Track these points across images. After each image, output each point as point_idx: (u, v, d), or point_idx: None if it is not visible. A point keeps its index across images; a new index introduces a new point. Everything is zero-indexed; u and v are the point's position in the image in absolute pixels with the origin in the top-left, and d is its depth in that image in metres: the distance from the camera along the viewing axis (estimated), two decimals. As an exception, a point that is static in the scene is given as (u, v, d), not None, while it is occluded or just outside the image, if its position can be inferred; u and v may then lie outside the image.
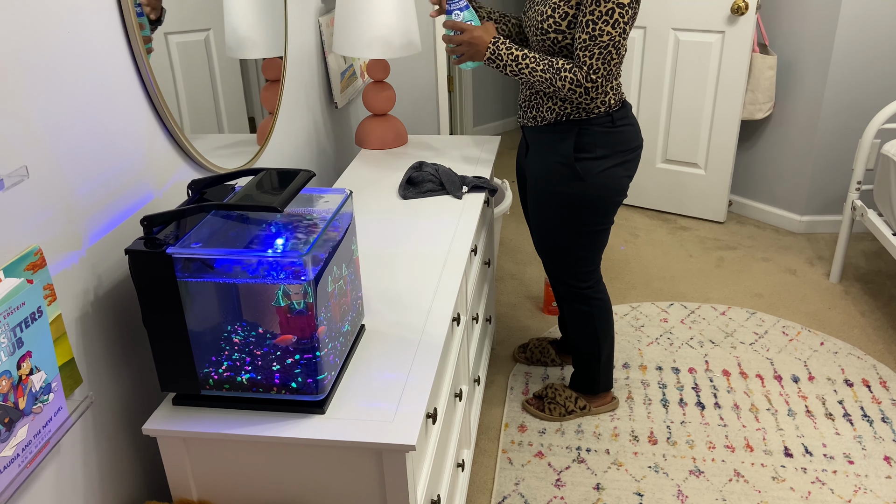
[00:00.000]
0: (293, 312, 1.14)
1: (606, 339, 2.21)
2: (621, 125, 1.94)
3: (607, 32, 1.73)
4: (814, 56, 3.24)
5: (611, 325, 2.21)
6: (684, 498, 2.01)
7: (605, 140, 1.92)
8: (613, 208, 2.02)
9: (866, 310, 2.86)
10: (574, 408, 2.30)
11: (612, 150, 1.94)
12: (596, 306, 2.16)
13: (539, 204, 2.04)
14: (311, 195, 1.33)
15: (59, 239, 1.11)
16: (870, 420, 2.28)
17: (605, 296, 2.18)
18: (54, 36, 1.08)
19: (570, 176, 1.94)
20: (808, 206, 3.48)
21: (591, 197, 1.96)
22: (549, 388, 2.34)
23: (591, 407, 2.31)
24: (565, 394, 2.31)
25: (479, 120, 4.94)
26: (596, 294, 2.15)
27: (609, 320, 2.20)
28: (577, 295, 2.15)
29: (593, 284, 2.14)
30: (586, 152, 1.92)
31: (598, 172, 1.93)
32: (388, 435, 1.16)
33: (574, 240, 2.04)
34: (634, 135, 1.98)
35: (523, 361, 2.59)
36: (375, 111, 2.39)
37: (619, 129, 1.94)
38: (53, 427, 1.04)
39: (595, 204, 1.97)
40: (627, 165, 1.98)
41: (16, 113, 1.01)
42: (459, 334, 1.78)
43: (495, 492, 2.05)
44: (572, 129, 1.92)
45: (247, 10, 1.73)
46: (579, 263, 2.09)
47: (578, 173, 1.92)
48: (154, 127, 1.36)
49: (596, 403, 2.32)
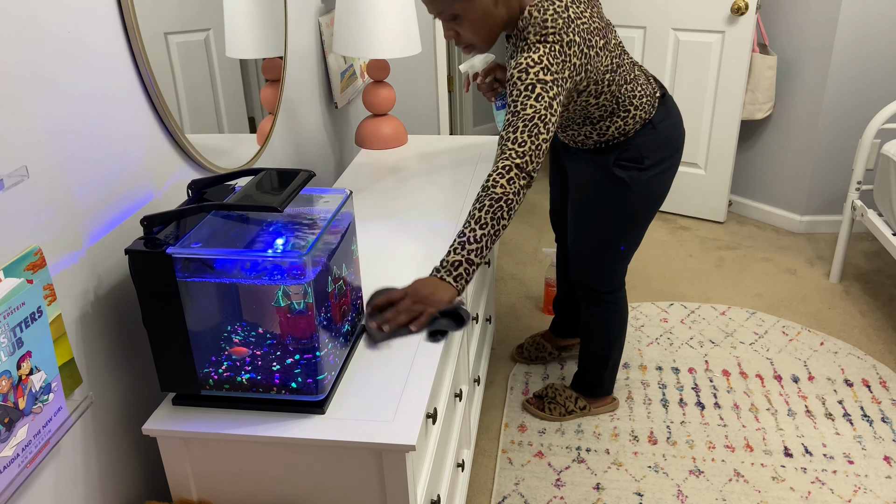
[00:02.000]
0: (293, 312, 1.14)
1: (617, 345, 2.20)
2: (664, 126, 1.89)
3: (530, 106, 1.52)
4: (814, 56, 3.24)
5: (624, 332, 2.20)
6: (684, 498, 2.01)
7: (651, 148, 1.88)
8: (654, 214, 2.00)
9: (866, 310, 2.86)
10: (574, 408, 2.29)
11: (659, 156, 1.90)
12: (613, 311, 2.14)
13: (579, 210, 2.00)
14: (311, 195, 1.33)
15: (59, 239, 1.11)
16: (870, 420, 2.28)
17: (624, 303, 2.16)
18: (54, 36, 1.08)
19: (612, 183, 1.90)
20: (808, 206, 3.48)
21: (636, 206, 1.93)
22: (550, 387, 2.34)
23: (591, 407, 2.31)
24: (565, 394, 2.31)
25: (479, 120, 4.94)
26: (616, 300, 2.13)
27: (623, 327, 2.18)
28: (598, 299, 2.13)
29: (616, 290, 2.12)
30: (633, 162, 1.88)
31: (645, 181, 1.90)
32: (388, 435, 1.16)
33: (610, 247, 2.01)
34: (677, 131, 1.94)
35: (523, 361, 2.60)
36: (375, 111, 2.39)
37: (662, 131, 1.89)
38: (53, 427, 1.04)
39: (638, 212, 1.95)
40: (673, 168, 1.95)
41: (16, 113, 1.01)
42: (459, 334, 1.78)
43: (495, 492, 2.05)
44: (614, 149, 1.88)
45: (247, 10, 1.73)
46: (609, 269, 2.07)
47: (625, 181, 1.89)
48: (154, 127, 1.36)
49: (596, 405, 2.32)
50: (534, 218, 3.77)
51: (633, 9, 3.47)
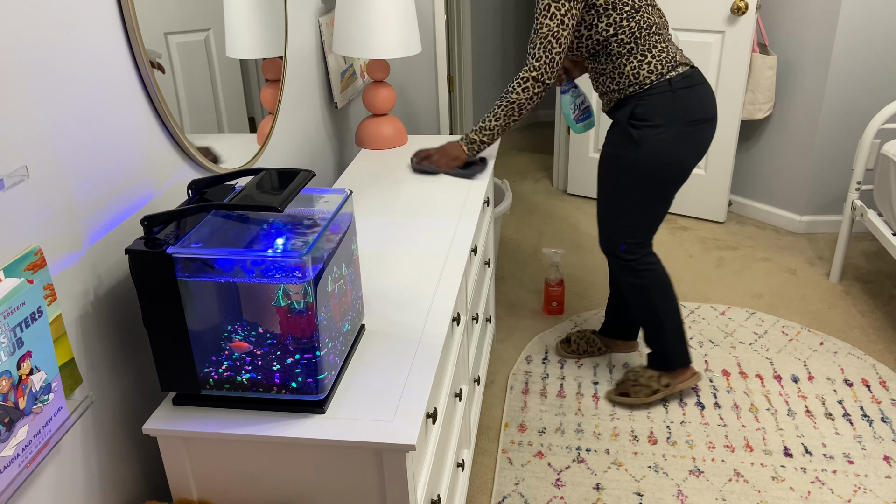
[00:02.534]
0: (293, 312, 1.14)
1: (666, 309, 2.21)
2: (683, 93, 1.99)
3: (545, 25, 1.92)
4: (814, 56, 3.24)
5: (670, 296, 2.22)
6: (684, 498, 2.01)
7: (665, 108, 1.98)
8: (669, 182, 2.06)
9: (866, 310, 2.86)
10: (658, 386, 2.32)
11: (672, 119, 1.99)
12: (647, 277, 2.18)
13: (599, 168, 2.15)
14: (311, 195, 1.33)
15: (59, 239, 1.11)
16: (869, 420, 2.28)
17: (656, 266, 2.20)
18: (54, 36, 1.08)
19: (626, 140, 2.03)
20: (808, 206, 3.48)
21: (645, 164, 2.02)
22: (630, 372, 2.38)
23: (674, 384, 2.33)
24: (647, 374, 2.34)
25: (479, 120, 4.94)
26: (644, 265, 2.18)
27: (666, 290, 2.21)
28: (624, 267, 2.19)
29: (642, 256, 2.17)
30: (645, 120, 1.99)
31: (655, 141, 1.99)
32: (388, 435, 1.16)
33: (624, 207, 2.10)
34: (699, 105, 2.01)
35: (571, 356, 2.61)
36: (375, 111, 2.38)
37: (681, 97, 1.98)
38: (53, 427, 1.04)
39: (648, 173, 2.03)
40: (688, 139, 2.01)
41: (16, 113, 1.01)
42: (459, 334, 1.78)
43: (495, 492, 2.05)
44: (631, 101, 2.01)
45: (247, 10, 1.73)
46: (627, 233, 2.14)
47: (633, 139, 2.00)
48: (154, 127, 1.36)
49: (678, 379, 2.33)
50: (534, 218, 3.77)
51: (633, 9, 3.47)
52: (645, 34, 1.98)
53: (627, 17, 1.96)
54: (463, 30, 4.53)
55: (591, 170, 3.89)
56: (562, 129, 4.00)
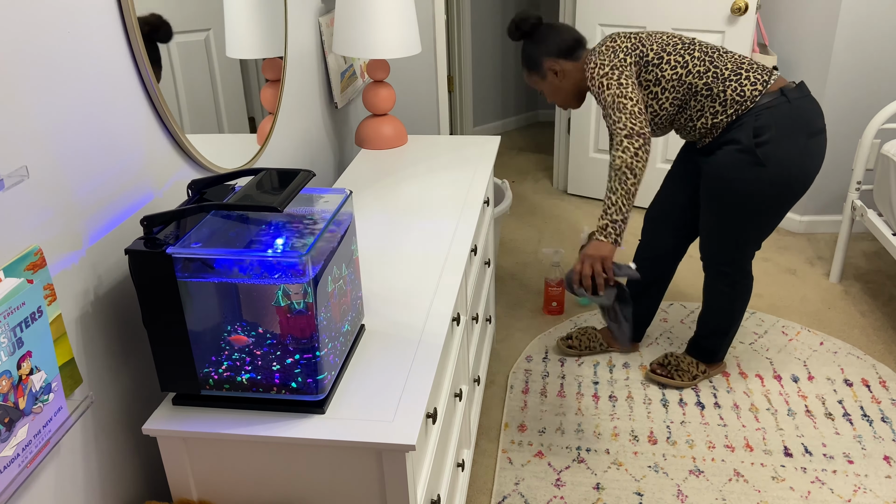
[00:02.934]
0: (293, 312, 1.14)
1: (737, 319, 2.30)
2: (799, 102, 1.94)
3: (609, 94, 1.94)
4: (814, 56, 3.24)
5: (745, 308, 2.28)
6: (684, 497, 2.01)
7: (784, 119, 1.93)
8: (795, 197, 2.02)
9: (866, 310, 2.86)
10: (697, 372, 2.39)
11: (794, 131, 1.93)
12: (739, 290, 2.22)
13: (714, 193, 2.07)
14: (311, 195, 1.33)
15: (59, 239, 1.11)
16: (869, 420, 2.28)
17: (749, 281, 2.23)
18: (54, 36, 1.08)
19: (749, 162, 1.96)
20: (808, 206, 3.48)
21: (773, 184, 1.97)
22: (671, 356, 2.43)
23: (709, 371, 2.41)
24: (687, 360, 2.40)
25: (479, 120, 4.94)
26: (742, 278, 2.20)
27: (747, 301, 2.26)
28: (725, 276, 2.21)
29: (741, 268, 2.19)
30: (765, 135, 1.93)
31: (781, 157, 1.93)
32: (388, 435, 1.16)
33: (746, 228, 2.08)
34: (814, 114, 1.97)
35: (571, 352, 2.61)
36: (375, 111, 2.39)
37: (796, 105, 1.93)
38: (53, 427, 1.05)
39: (777, 192, 1.99)
40: (812, 149, 1.96)
41: (16, 113, 1.01)
42: (459, 334, 1.78)
43: (495, 492, 2.05)
44: (746, 120, 1.95)
45: (247, 10, 1.73)
46: (741, 250, 2.14)
47: (758, 158, 1.94)
48: (154, 127, 1.36)
49: (712, 368, 2.42)
50: (534, 218, 3.77)
51: (633, 9, 3.47)
52: (717, 55, 1.98)
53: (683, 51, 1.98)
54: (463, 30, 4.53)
55: (591, 170, 3.89)
56: (562, 129, 4.00)
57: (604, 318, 2.06)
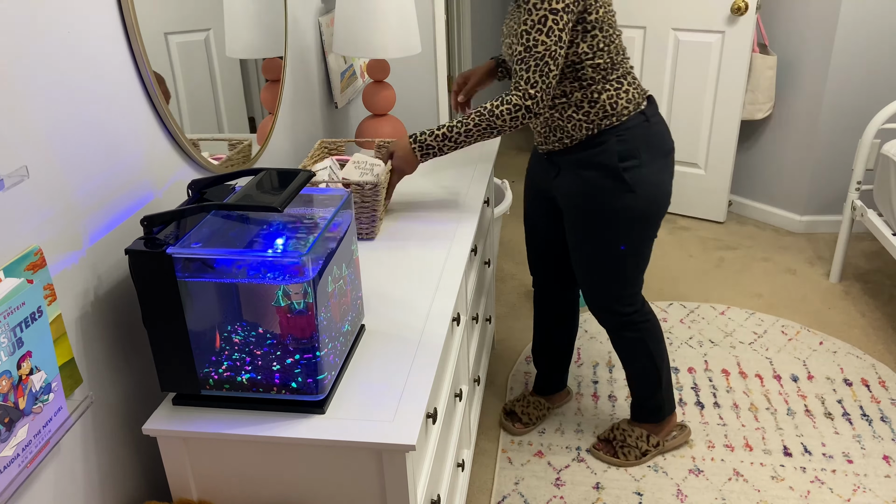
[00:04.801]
0: (293, 312, 1.14)
1: (663, 361, 2.06)
2: (656, 122, 1.82)
3: (541, 42, 1.62)
4: (814, 56, 3.24)
5: (663, 346, 2.06)
6: (684, 497, 2.01)
7: (646, 142, 1.78)
8: (661, 219, 1.88)
9: (866, 310, 2.86)
10: (648, 447, 2.13)
11: (655, 153, 1.80)
12: (645, 329, 2.00)
13: (579, 226, 1.88)
14: (311, 195, 1.33)
15: (59, 239, 1.11)
16: (869, 419, 2.28)
17: (652, 317, 2.02)
18: (55, 36, 1.08)
19: (617, 189, 1.79)
20: (808, 206, 3.48)
21: (644, 208, 1.81)
22: (616, 429, 2.17)
23: (663, 442, 2.15)
24: (635, 433, 2.14)
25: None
26: (643, 317, 2.00)
27: (661, 341, 2.05)
28: (624, 323, 1.99)
29: (639, 307, 1.99)
30: (631, 159, 1.77)
31: (648, 179, 1.79)
32: (388, 435, 1.16)
33: (622, 260, 1.88)
34: (667, 131, 1.85)
35: (525, 431, 2.29)
36: (375, 111, 2.38)
37: (655, 127, 1.81)
38: (53, 427, 1.05)
39: (647, 216, 1.83)
40: (669, 170, 1.85)
41: (16, 113, 1.01)
42: (459, 334, 1.78)
43: (495, 491, 2.05)
44: (609, 138, 1.77)
45: (247, 10, 1.73)
46: (626, 285, 1.93)
47: (628, 184, 1.77)
48: (154, 127, 1.36)
49: (664, 432, 2.16)
50: (534, 218, 3.77)
51: (633, 9, 3.47)
52: (620, 59, 1.76)
53: (608, 40, 1.72)
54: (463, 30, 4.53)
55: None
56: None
57: None
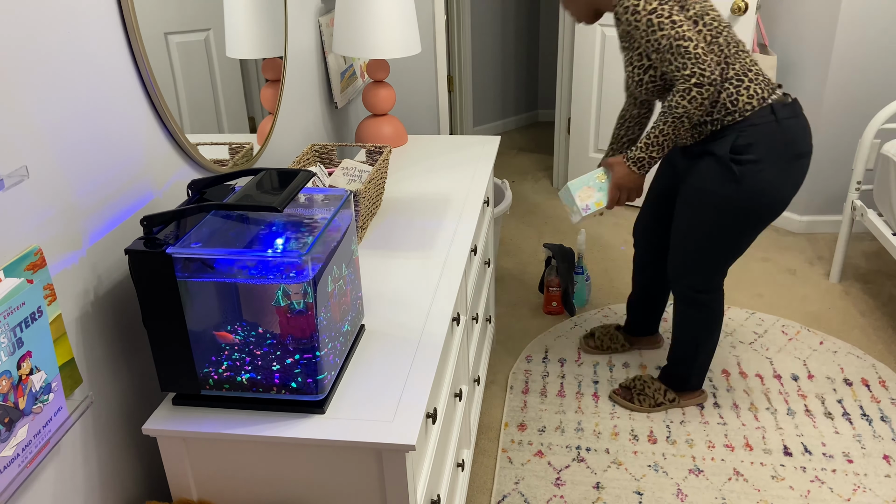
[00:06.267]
0: (293, 312, 1.14)
1: (709, 345, 2.19)
2: (789, 124, 1.85)
3: (663, 37, 1.77)
4: (814, 56, 3.24)
5: (716, 335, 2.18)
6: (684, 497, 2.01)
7: (769, 141, 1.84)
8: (767, 220, 1.94)
9: (866, 310, 2.86)
10: (663, 400, 2.30)
11: (776, 154, 1.85)
12: (708, 314, 2.13)
13: (686, 202, 2.01)
14: (312, 195, 1.33)
15: (59, 239, 1.12)
16: (869, 419, 2.28)
17: (719, 306, 2.13)
18: (55, 36, 1.08)
19: (724, 176, 1.89)
20: (808, 206, 3.48)
21: (745, 203, 1.89)
22: (638, 379, 2.34)
23: (680, 400, 2.30)
24: (654, 385, 2.31)
25: (479, 120, 4.94)
26: (711, 302, 2.11)
27: (717, 329, 2.17)
28: (694, 300, 2.11)
29: (713, 291, 2.10)
30: (746, 153, 1.85)
31: (758, 178, 1.86)
32: (388, 435, 1.16)
33: (712, 243, 1.99)
34: (801, 136, 1.88)
35: (593, 351, 2.60)
36: (375, 111, 2.39)
37: (787, 128, 1.85)
38: (53, 427, 1.05)
39: (748, 211, 1.91)
40: (792, 174, 1.88)
41: (16, 113, 1.01)
42: (459, 334, 1.78)
43: (495, 491, 2.05)
44: (730, 132, 1.87)
45: (247, 10, 1.73)
46: (711, 269, 2.04)
47: (734, 174, 1.87)
48: (154, 127, 1.36)
49: (686, 397, 2.32)
50: (534, 218, 3.77)
51: (633, 8, 3.47)
52: (734, 52, 1.85)
53: (716, 32, 1.83)
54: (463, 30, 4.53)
55: (591, 170, 3.89)
56: (562, 129, 4.00)
57: None
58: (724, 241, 1.99)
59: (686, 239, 2.04)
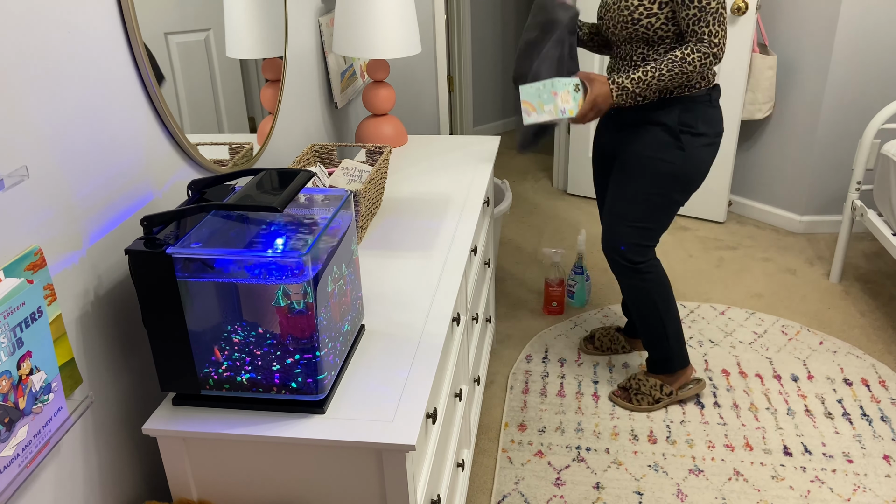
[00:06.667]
0: (293, 312, 1.14)
1: (669, 313, 2.23)
2: (716, 105, 2.05)
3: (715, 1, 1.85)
4: (814, 56, 3.24)
5: (671, 300, 2.24)
6: (684, 497, 2.01)
7: (705, 118, 2.02)
8: (694, 188, 2.10)
9: (866, 310, 2.86)
10: (661, 395, 2.33)
11: (708, 130, 2.03)
12: (651, 280, 2.19)
13: (627, 170, 2.09)
14: (312, 195, 1.33)
15: (59, 239, 1.12)
16: (869, 419, 2.28)
17: (659, 270, 2.21)
18: (55, 36, 1.08)
19: (671, 145, 2.02)
20: (808, 206, 3.48)
21: (685, 171, 2.05)
22: (633, 378, 2.37)
23: (676, 391, 2.34)
24: (650, 383, 2.33)
25: (479, 120, 4.94)
26: (651, 268, 2.19)
27: (668, 294, 2.22)
28: (629, 269, 2.18)
29: (649, 259, 2.18)
30: (689, 127, 2.01)
31: (698, 148, 2.02)
32: (388, 435, 1.16)
33: (649, 209, 2.09)
34: (721, 118, 2.07)
35: (593, 352, 2.63)
36: (375, 111, 2.39)
37: (714, 108, 2.04)
38: (53, 427, 1.05)
39: (686, 179, 2.06)
40: (713, 149, 2.07)
41: (16, 113, 1.01)
42: (459, 334, 1.78)
43: (495, 491, 2.05)
44: (676, 104, 2.00)
45: (247, 10, 1.73)
46: (643, 236, 2.13)
47: (681, 143, 2.01)
48: (154, 127, 1.36)
49: (678, 384, 2.34)
50: (534, 218, 3.77)
51: (633, 9, 3.47)
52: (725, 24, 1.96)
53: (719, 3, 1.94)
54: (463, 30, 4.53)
55: (590, 170, 3.89)
56: (562, 129, 4.00)
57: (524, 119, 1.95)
58: (660, 206, 2.09)
59: (623, 206, 2.12)
